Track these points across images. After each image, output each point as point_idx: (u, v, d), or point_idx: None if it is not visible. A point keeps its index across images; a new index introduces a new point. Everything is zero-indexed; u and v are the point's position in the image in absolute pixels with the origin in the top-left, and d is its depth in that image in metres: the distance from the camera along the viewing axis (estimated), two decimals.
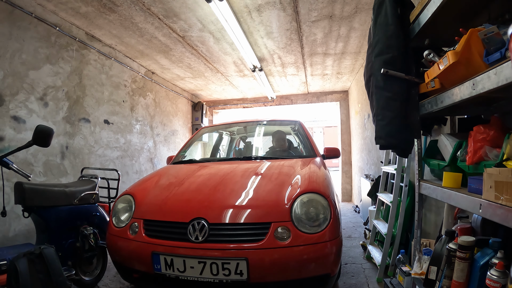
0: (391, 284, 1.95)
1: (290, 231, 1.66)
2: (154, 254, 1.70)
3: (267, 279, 1.63)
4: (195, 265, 1.63)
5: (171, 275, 1.67)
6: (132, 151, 4.01)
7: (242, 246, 1.63)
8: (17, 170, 1.83)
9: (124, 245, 1.86)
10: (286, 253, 1.62)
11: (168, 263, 1.67)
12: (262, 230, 1.67)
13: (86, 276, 2.33)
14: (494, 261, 1.03)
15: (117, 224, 1.97)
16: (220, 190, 1.98)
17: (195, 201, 1.88)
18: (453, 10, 1.26)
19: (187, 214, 1.75)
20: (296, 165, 2.37)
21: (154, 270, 1.71)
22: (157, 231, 1.80)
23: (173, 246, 1.69)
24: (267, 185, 2.00)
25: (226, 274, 1.60)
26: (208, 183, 2.13)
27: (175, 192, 2.03)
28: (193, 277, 1.64)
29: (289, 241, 1.63)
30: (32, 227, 2.22)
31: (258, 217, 1.73)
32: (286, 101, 6.55)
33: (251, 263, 1.58)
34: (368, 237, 3.06)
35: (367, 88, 1.80)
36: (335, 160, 12.86)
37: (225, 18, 2.74)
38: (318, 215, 1.74)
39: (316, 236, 1.66)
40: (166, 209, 1.89)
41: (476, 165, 1.19)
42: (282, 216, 1.70)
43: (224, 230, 1.70)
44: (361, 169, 5.14)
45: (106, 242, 2.01)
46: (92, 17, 2.84)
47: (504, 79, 0.85)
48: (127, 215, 1.98)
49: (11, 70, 2.37)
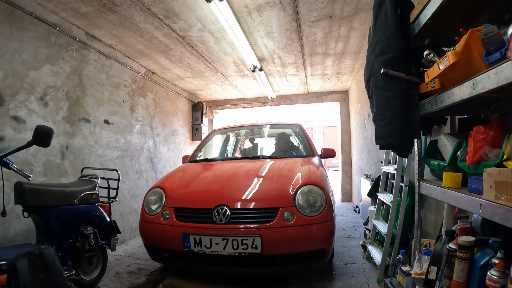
0: (391, 284, 1.95)
1: (294, 214, 2.12)
2: (184, 234, 2.11)
3: (276, 251, 2.06)
4: (219, 242, 2.05)
5: (199, 251, 2.09)
6: (132, 151, 4.01)
7: (257, 226, 2.08)
8: (17, 170, 1.83)
9: (157, 229, 2.27)
10: (291, 231, 2.07)
11: (197, 241, 2.08)
12: (272, 213, 2.12)
13: (86, 276, 2.33)
14: (494, 261, 1.03)
15: (150, 212, 2.38)
16: (237, 182, 2.46)
17: (217, 192, 2.34)
18: (453, 10, 1.25)
19: (212, 202, 2.20)
20: (297, 163, 2.82)
21: (184, 248, 2.12)
22: (186, 216, 2.23)
23: (201, 227, 2.12)
24: (275, 179, 2.47)
25: (244, 248, 2.02)
26: (226, 177, 2.62)
27: (199, 185, 2.49)
28: (217, 252, 2.06)
29: (293, 222, 2.09)
30: (32, 227, 2.22)
31: (269, 203, 2.19)
32: (286, 101, 6.55)
33: (264, 238, 2.02)
34: (368, 237, 3.06)
35: (367, 88, 1.80)
36: (335, 160, 12.89)
37: (225, 18, 2.74)
38: (316, 202, 2.20)
39: (314, 218, 2.12)
40: (194, 198, 2.35)
41: (476, 165, 1.19)
42: (288, 202, 2.17)
43: (242, 214, 2.15)
44: (361, 169, 5.14)
45: (139, 228, 2.44)
46: (92, 17, 2.84)
47: (504, 79, 0.85)
48: (158, 204, 2.39)
49: (11, 70, 2.37)
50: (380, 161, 3.45)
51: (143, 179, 4.24)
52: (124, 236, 3.68)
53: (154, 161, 4.59)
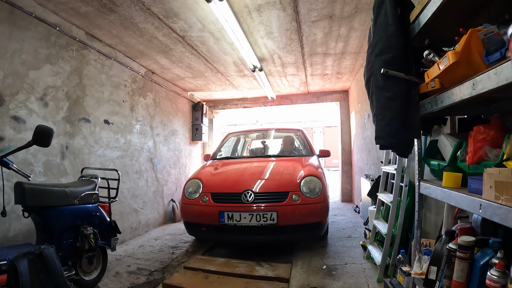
0: (391, 284, 1.95)
1: (299, 196, 2.93)
2: (220, 212, 2.88)
3: (287, 223, 2.83)
4: (247, 216, 2.82)
5: (231, 224, 2.84)
6: (132, 151, 4.01)
7: (273, 204, 2.87)
8: (17, 170, 1.83)
9: (197, 209, 3.02)
10: (297, 208, 2.88)
11: (229, 217, 2.84)
12: (284, 196, 2.93)
13: (86, 276, 2.33)
14: (494, 261, 1.03)
15: (189, 197, 3.14)
16: (257, 173, 3.28)
17: (243, 181, 3.12)
18: (453, 10, 1.25)
19: (240, 188, 2.98)
20: (300, 160, 3.71)
21: (219, 222, 2.86)
22: (221, 199, 2.99)
23: (233, 206, 2.89)
24: (285, 171, 3.33)
25: (265, 220, 2.81)
26: (248, 169, 3.48)
27: (229, 176, 3.39)
28: (245, 224, 2.83)
29: (299, 202, 2.90)
30: (32, 227, 2.22)
31: (282, 189, 2.99)
32: (286, 101, 6.55)
33: (279, 213, 2.81)
34: (368, 237, 3.06)
35: (367, 88, 1.80)
36: (335, 160, 12.89)
37: (225, 18, 2.74)
38: (315, 189, 3.01)
39: (313, 199, 2.94)
40: (226, 186, 3.13)
41: (476, 165, 1.19)
42: (295, 188, 2.98)
43: (263, 196, 2.93)
44: (361, 169, 5.14)
45: (180, 209, 3.27)
46: (92, 17, 2.84)
47: (504, 79, 0.85)
48: (196, 191, 3.14)
49: (11, 70, 2.37)
50: (380, 161, 3.45)
51: (143, 179, 4.24)
52: (124, 236, 3.68)
53: (154, 161, 4.59)
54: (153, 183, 4.53)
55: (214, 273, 2.56)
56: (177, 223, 4.87)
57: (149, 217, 4.37)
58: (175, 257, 3.17)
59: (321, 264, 2.80)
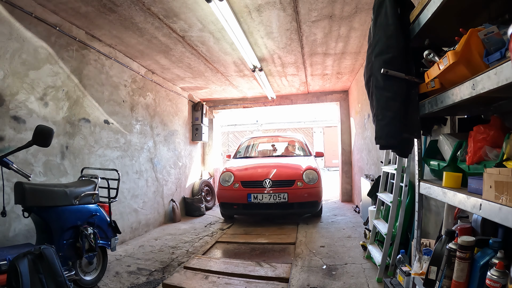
0: (391, 284, 1.95)
1: (302, 183, 4.30)
2: (248, 194, 4.25)
3: (294, 201, 4.20)
4: (266, 196, 4.21)
5: (255, 202, 4.22)
6: (132, 151, 4.01)
7: (285, 188, 4.24)
8: (17, 170, 1.83)
9: (230, 192, 4.39)
10: (301, 190, 4.26)
11: (255, 197, 4.22)
12: (292, 182, 4.30)
13: (86, 276, 2.33)
14: (494, 261, 1.03)
15: (224, 184, 4.48)
16: (272, 167, 4.62)
17: (263, 172, 4.46)
18: (453, 10, 1.25)
19: (262, 177, 4.37)
20: (301, 158, 5.29)
21: (247, 201, 4.24)
22: (248, 185, 4.36)
23: (257, 190, 4.26)
24: (291, 166, 4.74)
25: (279, 199, 4.18)
26: (266, 164, 4.89)
27: (253, 169, 4.73)
28: (265, 202, 4.20)
29: (302, 187, 4.27)
30: (32, 227, 2.22)
31: (290, 178, 4.36)
32: (286, 101, 6.55)
33: (289, 194, 4.19)
34: (368, 237, 3.06)
35: (367, 88, 1.80)
36: (335, 160, 12.83)
37: (225, 18, 2.74)
38: (313, 178, 4.40)
39: (312, 185, 4.32)
40: (251, 176, 4.50)
41: (476, 165, 1.19)
42: (299, 177, 4.36)
43: (277, 182, 4.30)
44: (361, 169, 5.14)
45: (217, 194, 4.66)
46: (92, 17, 2.84)
47: (504, 79, 0.85)
48: (229, 180, 4.47)
49: (11, 70, 2.37)
50: (380, 161, 3.45)
51: (143, 179, 4.24)
52: (124, 236, 3.68)
53: (154, 161, 4.59)
54: (153, 183, 4.53)
55: (214, 273, 2.56)
56: (177, 223, 4.87)
57: (149, 217, 4.37)
58: (175, 257, 3.17)
59: (321, 264, 2.80)
